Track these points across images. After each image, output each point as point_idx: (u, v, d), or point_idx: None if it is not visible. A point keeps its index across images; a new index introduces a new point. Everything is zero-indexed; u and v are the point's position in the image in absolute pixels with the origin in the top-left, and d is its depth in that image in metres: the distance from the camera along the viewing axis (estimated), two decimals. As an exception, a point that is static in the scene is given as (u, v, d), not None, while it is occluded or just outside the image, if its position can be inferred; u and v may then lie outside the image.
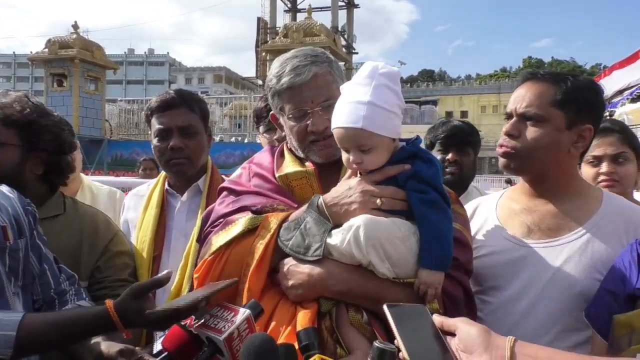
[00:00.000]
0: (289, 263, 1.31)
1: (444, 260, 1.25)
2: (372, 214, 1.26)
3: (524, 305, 1.52)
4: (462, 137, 2.63)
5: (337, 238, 1.26)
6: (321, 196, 1.34)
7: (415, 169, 1.28)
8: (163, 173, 2.18)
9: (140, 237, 2.04)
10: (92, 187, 2.64)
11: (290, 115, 1.45)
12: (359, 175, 1.34)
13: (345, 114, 1.27)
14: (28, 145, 1.65)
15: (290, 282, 1.29)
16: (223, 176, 2.09)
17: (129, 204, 2.24)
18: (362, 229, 1.22)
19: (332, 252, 1.28)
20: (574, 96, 1.52)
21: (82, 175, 2.76)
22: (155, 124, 2.03)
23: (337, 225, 1.29)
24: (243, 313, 1.11)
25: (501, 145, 1.58)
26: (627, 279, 1.31)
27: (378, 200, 1.27)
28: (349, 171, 1.37)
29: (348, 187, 1.31)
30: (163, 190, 2.12)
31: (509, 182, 18.35)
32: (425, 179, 1.27)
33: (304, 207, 1.35)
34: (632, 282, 1.29)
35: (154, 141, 2.05)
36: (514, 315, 1.52)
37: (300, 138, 1.45)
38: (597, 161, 2.20)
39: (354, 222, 1.24)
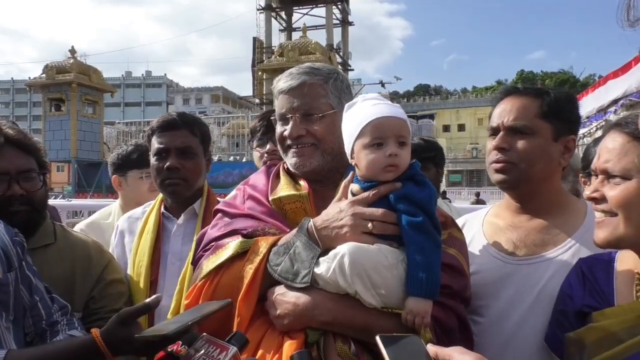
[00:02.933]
0: (276, 292, 1.29)
1: (431, 287, 1.20)
2: (363, 238, 1.23)
3: (513, 323, 1.50)
4: (419, 153, 2.67)
5: (322, 267, 1.23)
6: (311, 219, 1.31)
7: (408, 190, 1.25)
8: (159, 197, 2.17)
9: (136, 262, 2.02)
10: None
11: (275, 118, 1.50)
12: (349, 196, 1.32)
13: (386, 107, 1.29)
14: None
15: (277, 312, 1.26)
16: (218, 198, 2.07)
17: (123, 227, 2.21)
18: (347, 257, 1.19)
19: (318, 281, 1.25)
20: (557, 108, 1.55)
21: None
22: (155, 144, 2.04)
23: (328, 249, 1.26)
24: (230, 350, 1.10)
25: (496, 161, 1.57)
26: (573, 296, 1.32)
27: (369, 224, 1.24)
28: (340, 193, 1.35)
29: (339, 210, 1.28)
30: (159, 214, 2.11)
31: (478, 195, 18.34)
32: (415, 200, 1.24)
33: (294, 231, 1.33)
34: (578, 298, 1.30)
35: (152, 160, 2.05)
36: (503, 333, 1.51)
37: (280, 142, 1.50)
38: None
39: (339, 251, 1.22)
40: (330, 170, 1.41)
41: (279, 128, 1.48)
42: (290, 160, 1.46)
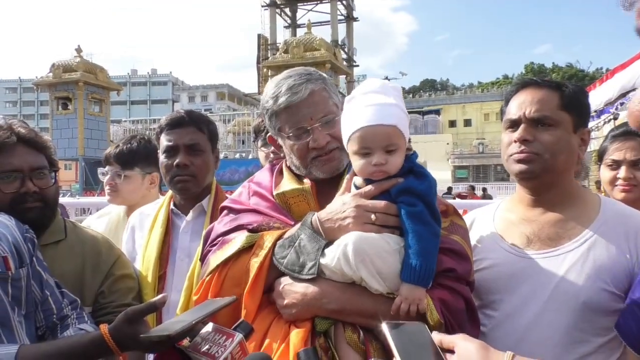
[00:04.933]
0: (284, 282, 1.31)
1: (424, 275, 1.21)
2: (366, 229, 1.25)
3: (528, 318, 1.49)
4: None
5: (327, 257, 1.26)
6: (316, 213, 1.34)
7: (408, 184, 1.27)
8: (169, 193, 2.19)
9: (146, 257, 2.05)
10: None
11: (291, 134, 1.45)
12: (352, 190, 1.34)
13: (374, 113, 1.27)
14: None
15: (285, 302, 1.29)
16: (227, 195, 2.09)
17: (134, 223, 2.24)
18: (350, 246, 1.22)
19: (324, 271, 1.27)
20: (576, 100, 1.55)
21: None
22: (164, 141, 2.06)
23: (332, 241, 1.28)
24: (236, 337, 1.12)
25: (520, 152, 1.54)
26: None
27: (372, 216, 1.26)
28: (343, 187, 1.37)
29: (342, 203, 1.31)
30: (168, 210, 2.13)
31: (472, 188, 18.32)
32: (416, 192, 1.26)
33: (299, 225, 1.35)
34: None
35: (161, 157, 2.07)
36: (518, 328, 1.50)
37: (302, 155, 1.45)
38: (616, 165, 2.19)
39: (343, 240, 1.24)
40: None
41: (297, 142, 1.44)
42: (320, 168, 1.44)
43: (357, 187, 1.34)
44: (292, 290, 1.29)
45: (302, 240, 1.30)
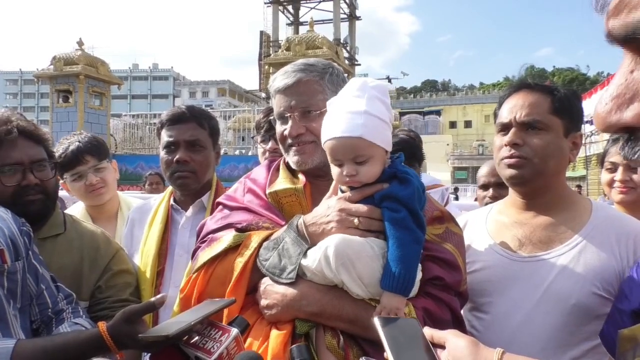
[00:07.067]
0: (266, 282, 1.30)
1: (404, 283, 1.17)
2: (350, 233, 1.23)
3: (518, 320, 1.50)
4: (406, 149, 2.57)
5: (309, 259, 1.24)
6: (302, 216, 1.32)
7: (391, 189, 1.25)
8: (169, 188, 2.20)
9: (145, 252, 2.05)
10: (130, 205, 2.53)
11: (274, 118, 1.49)
12: (339, 194, 1.32)
13: (341, 124, 1.23)
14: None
15: (266, 302, 1.27)
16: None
17: (134, 218, 2.24)
18: (332, 248, 1.19)
19: (306, 273, 1.25)
20: (568, 104, 1.55)
21: (120, 193, 2.70)
22: (164, 137, 2.06)
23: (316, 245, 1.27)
24: (232, 332, 1.12)
25: (509, 157, 1.55)
26: (631, 295, 1.31)
27: (355, 220, 1.24)
28: (330, 190, 1.35)
29: (327, 207, 1.29)
30: (168, 206, 2.13)
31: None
32: (398, 198, 1.23)
33: (285, 227, 1.33)
34: (636, 297, 1.29)
35: (162, 153, 2.07)
36: (508, 331, 1.50)
37: (280, 141, 1.48)
38: (614, 167, 2.25)
39: (325, 242, 1.22)
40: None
41: (278, 127, 1.47)
42: (292, 158, 1.45)
43: (342, 192, 1.32)
44: (273, 290, 1.27)
45: (286, 243, 1.28)
